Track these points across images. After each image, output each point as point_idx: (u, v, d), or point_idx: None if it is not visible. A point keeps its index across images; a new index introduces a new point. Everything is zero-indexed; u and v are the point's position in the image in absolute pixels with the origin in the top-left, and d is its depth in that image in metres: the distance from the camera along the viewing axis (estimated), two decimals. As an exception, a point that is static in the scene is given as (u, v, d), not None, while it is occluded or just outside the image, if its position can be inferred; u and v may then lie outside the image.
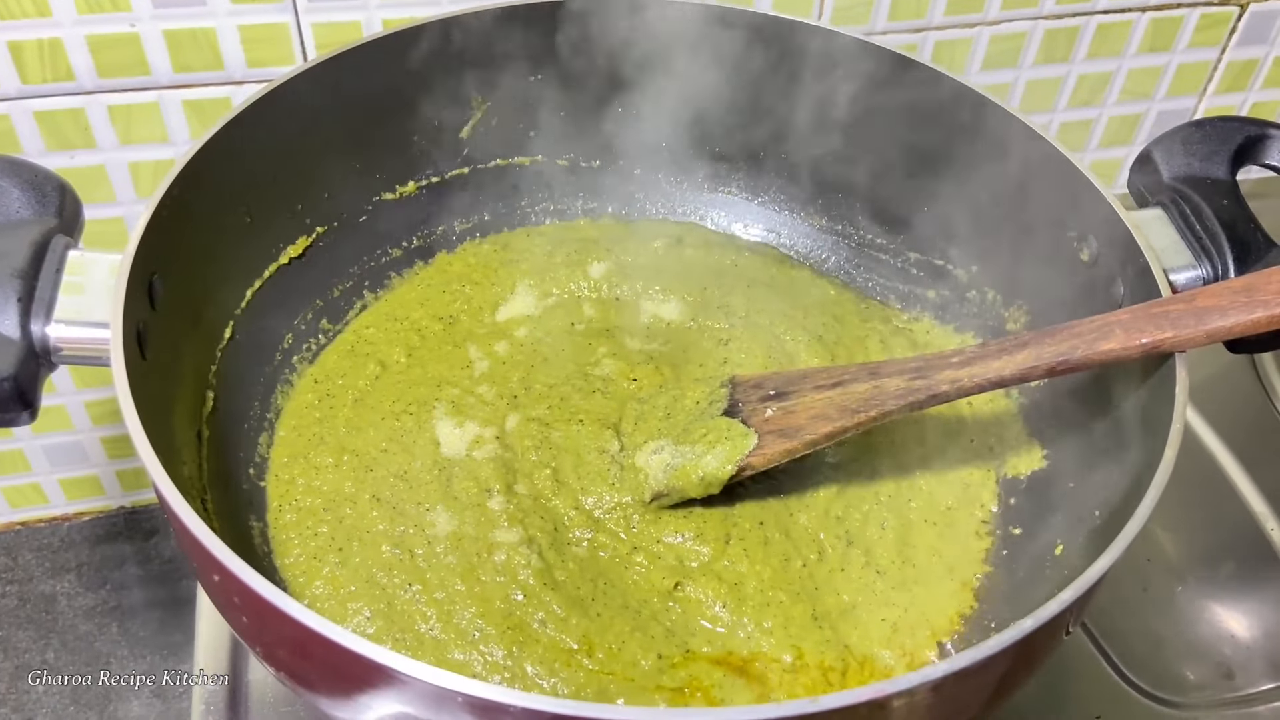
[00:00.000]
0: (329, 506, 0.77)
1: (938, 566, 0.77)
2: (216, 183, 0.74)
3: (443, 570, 0.73)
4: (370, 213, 0.91)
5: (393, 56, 0.84)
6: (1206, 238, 0.74)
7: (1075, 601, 0.53)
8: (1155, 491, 0.58)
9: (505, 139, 0.94)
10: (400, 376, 0.86)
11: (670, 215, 1.01)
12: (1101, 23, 1.12)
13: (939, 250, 0.92)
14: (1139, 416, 0.69)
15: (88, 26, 0.86)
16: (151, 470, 0.56)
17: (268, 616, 0.52)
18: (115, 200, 0.96)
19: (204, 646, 0.83)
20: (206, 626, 0.84)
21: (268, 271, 0.83)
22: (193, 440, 0.73)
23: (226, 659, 0.82)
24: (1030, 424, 0.83)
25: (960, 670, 0.51)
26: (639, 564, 0.75)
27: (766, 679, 0.71)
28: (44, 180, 0.68)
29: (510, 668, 0.69)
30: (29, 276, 0.63)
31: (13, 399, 0.61)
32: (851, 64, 0.88)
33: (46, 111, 0.90)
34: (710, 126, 0.96)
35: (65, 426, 1.11)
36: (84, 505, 1.19)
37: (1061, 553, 0.72)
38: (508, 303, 0.92)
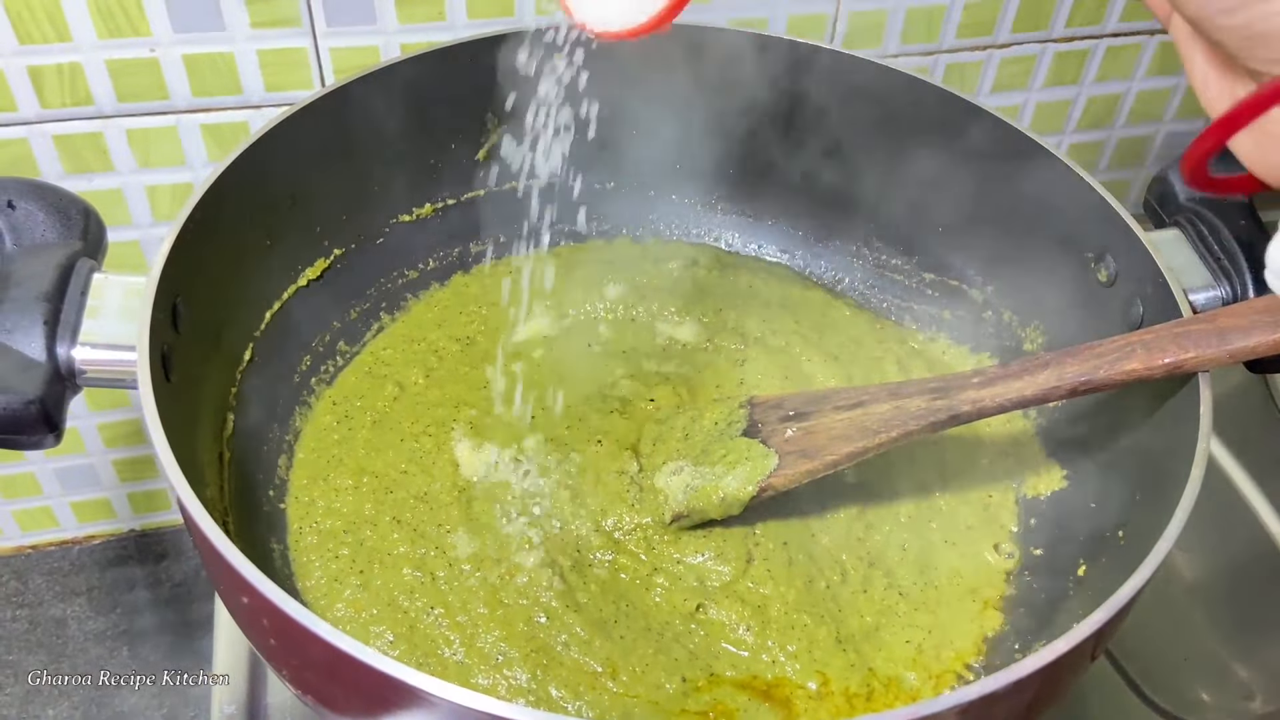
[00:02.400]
0: (349, 529, 0.77)
1: (959, 587, 0.77)
2: (237, 206, 0.74)
3: (465, 593, 0.73)
4: (387, 235, 0.91)
5: (410, 81, 0.84)
6: (1225, 257, 0.74)
7: (1107, 623, 0.53)
8: (1184, 512, 0.58)
9: (520, 162, 0.95)
10: (418, 398, 0.86)
11: (685, 237, 1.02)
12: (1111, 45, 1.13)
13: (955, 271, 0.92)
14: (1160, 436, 0.69)
15: (107, 51, 0.87)
16: (180, 492, 0.56)
17: (297, 638, 0.52)
18: (133, 223, 0.97)
19: (221, 670, 0.82)
20: (224, 648, 0.83)
21: (286, 294, 0.84)
22: (215, 462, 0.73)
23: (245, 684, 0.82)
24: (1049, 444, 0.83)
25: (990, 694, 0.51)
26: (660, 585, 0.75)
27: (792, 704, 0.70)
28: (69, 204, 0.68)
29: (535, 691, 0.69)
30: (54, 299, 0.64)
31: (39, 421, 0.61)
32: (864, 88, 0.88)
33: (65, 135, 0.90)
34: (724, 148, 0.97)
35: (77, 449, 1.10)
36: (95, 528, 1.19)
37: (1084, 573, 0.72)
38: (525, 324, 0.92)
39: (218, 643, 0.83)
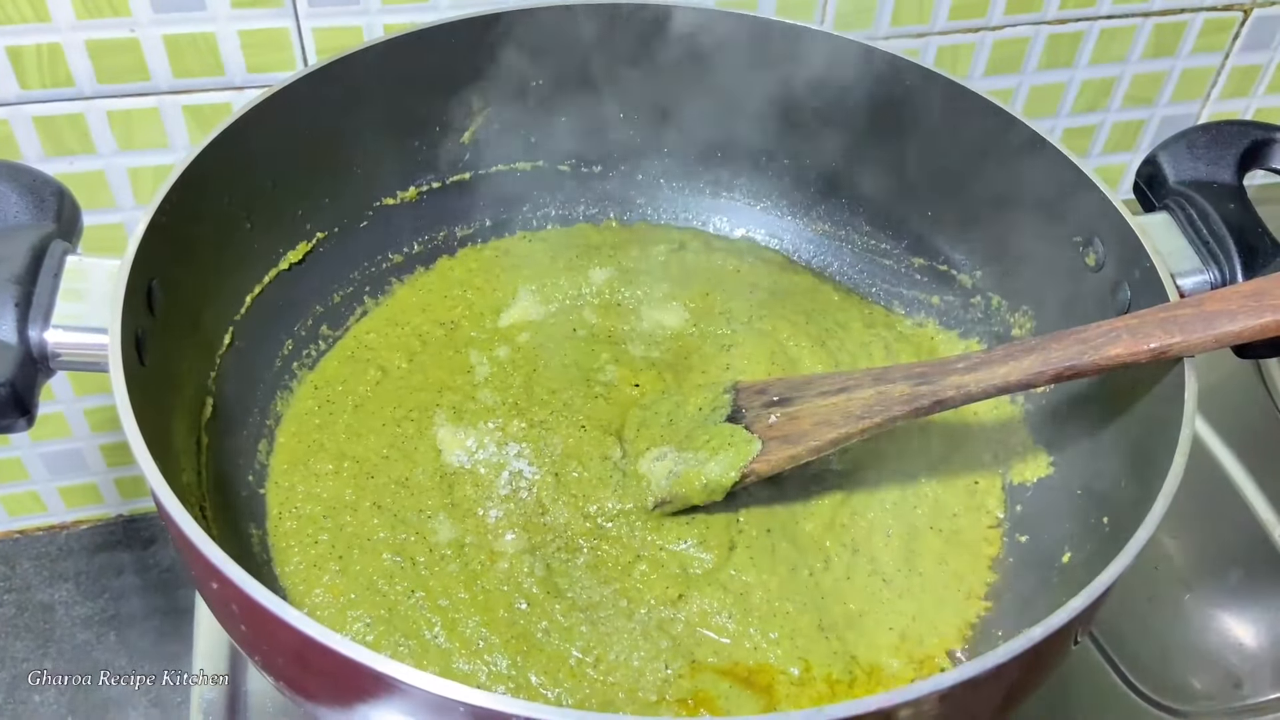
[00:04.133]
0: (329, 514, 0.76)
1: (944, 574, 0.76)
2: (216, 188, 0.74)
3: (445, 578, 0.73)
4: (371, 218, 0.90)
5: (393, 62, 0.84)
6: (1214, 242, 0.73)
7: (1085, 610, 0.52)
8: (1165, 499, 0.57)
9: (506, 144, 0.94)
10: (401, 382, 0.85)
11: (673, 220, 1.01)
12: (1105, 28, 1.12)
13: (943, 256, 0.91)
14: (1146, 423, 0.69)
15: (87, 32, 0.86)
16: (150, 477, 0.55)
17: (266, 624, 0.51)
18: (115, 206, 0.96)
19: (202, 654, 0.82)
20: (205, 635, 0.83)
21: (268, 277, 0.83)
22: (192, 447, 0.72)
23: (225, 668, 0.81)
24: (1036, 431, 0.83)
25: (969, 680, 0.51)
26: (642, 572, 0.74)
27: (774, 691, 0.70)
28: (42, 185, 0.68)
29: (514, 677, 0.68)
30: (26, 282, 0.63)
31: (10, 405, 0.61)
32: (854, 69, 0.87)
33: (46, 117, 0.89)
34: (712, 131, 0.96)
35: (64, 434, 1.10)
36: (82, 513, 1.19)
37: (1069, 560, 0.72)
38: (509, 308, 0.91)
39: (198, 628, 0.83)
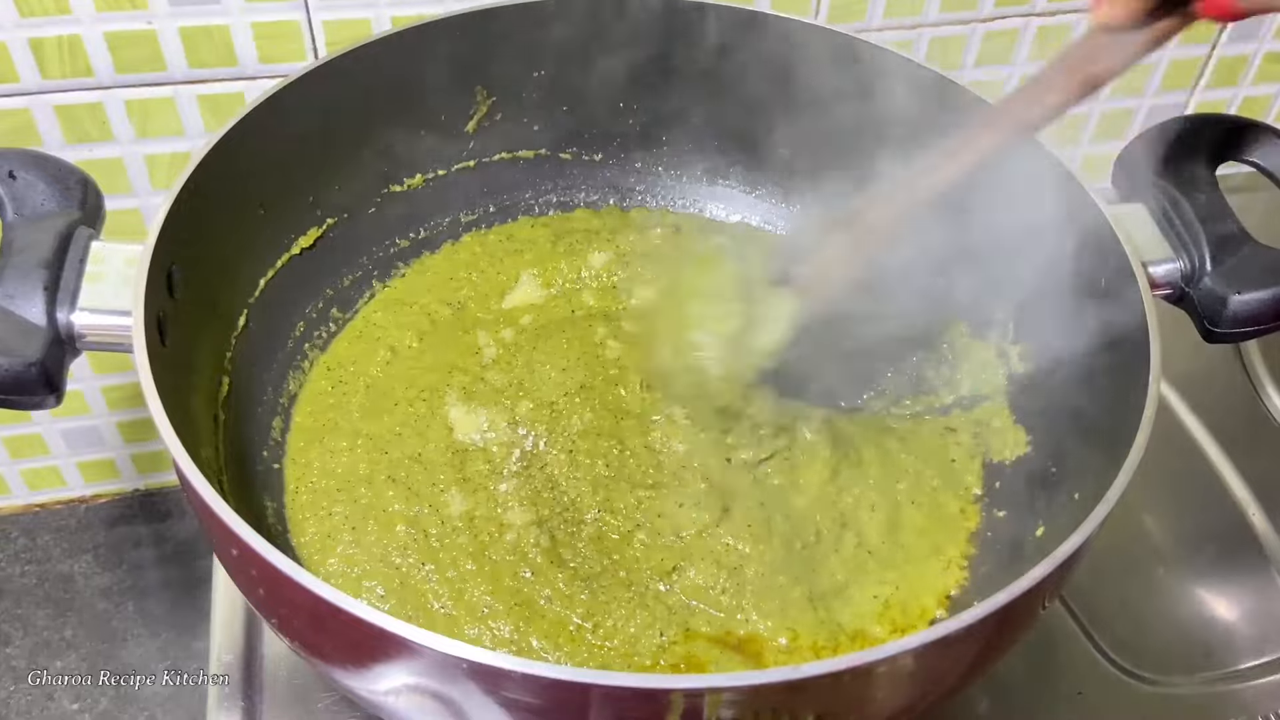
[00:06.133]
0: (344, 487, 0.80)
1: (925, 546, 0.80)
2: (231, 176, 0.77)
3: (455, 550, 0.76)
4: (379, 204, 0.93)
5: (401, 53, 0.86)
6: (1185, 231, 0.76)
7: (1047, 577, 0.56)
8: (1125, 474, 0.60)
9: (509, 133, 0.97)
10: (412, 362, 0.88)
11: (670, 207, 1.04)
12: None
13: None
14: (1117, 403, 0.72)
15: (106, 24, 0.89)
16: (173, 450, 0.59)
17: (283, 588, 0.55)
18: (132, 192, 0.99)
19: (220, 624, 0.85)
20: (222, 604, 0.87)
21: (280, 261, 0.86)
22: (210, 424, 0.75)
23: (241, 636, 0.84)
24: (1016, 410, 0.86)
25: (939, 639, 0.54)
26: (641, 541, 0.77)
27: (763, 658, 0.74)
28: (68, 174, 0.71)
29: (516, 642, 0.72)
30: (54, 266, 0.66)
31: (40, 383, 0.64)
32: (845, 60, 0.90)
33: (66, 106, 0.92)
34: (708, 121, 0.99)
35: (83, 411, 1.14)
36: (101, 488, 1.22)
37: (1042, 534, 0.75)
38: (513, 291, 0.95)
39: (216, 594, 0.86)
